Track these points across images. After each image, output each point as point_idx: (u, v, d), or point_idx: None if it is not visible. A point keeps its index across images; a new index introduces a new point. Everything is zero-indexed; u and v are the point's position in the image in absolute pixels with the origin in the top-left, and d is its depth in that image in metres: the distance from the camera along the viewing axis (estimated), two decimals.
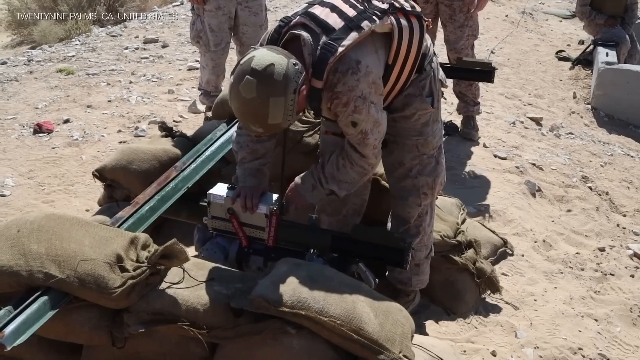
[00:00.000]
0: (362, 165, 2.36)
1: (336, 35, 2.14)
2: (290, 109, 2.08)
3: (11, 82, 5.51)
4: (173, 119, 4.79)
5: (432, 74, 2.50)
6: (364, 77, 2.16)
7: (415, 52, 2.36)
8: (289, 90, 2.04)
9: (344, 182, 2.42)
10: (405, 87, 2.45)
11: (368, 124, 2.24)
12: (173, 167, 2.85)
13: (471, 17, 4.34)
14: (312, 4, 2.28)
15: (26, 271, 1.94)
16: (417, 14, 2.35)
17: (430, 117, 2.53)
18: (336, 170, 2.40)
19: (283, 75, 2.02)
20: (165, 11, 8.27)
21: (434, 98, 2.51)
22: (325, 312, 2.00)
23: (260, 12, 4.27)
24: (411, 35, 2.31)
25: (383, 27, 2.24)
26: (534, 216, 3.84)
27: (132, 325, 2.01)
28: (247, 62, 2.05)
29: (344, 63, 2.15)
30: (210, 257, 2.49)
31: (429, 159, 2.59)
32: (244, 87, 2.03)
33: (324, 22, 2.18)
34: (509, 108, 5.53)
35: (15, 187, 3.80)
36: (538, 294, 3.14)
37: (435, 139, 2.58)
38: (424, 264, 2.77)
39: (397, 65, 2.33)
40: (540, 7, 9.41)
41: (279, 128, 2.15)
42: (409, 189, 2.62)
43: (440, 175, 2.65)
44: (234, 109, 2.12)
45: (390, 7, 2.27)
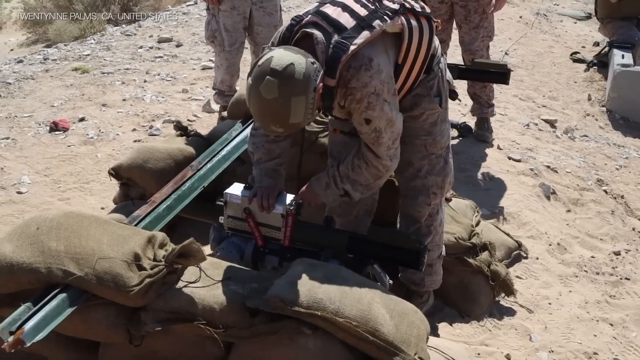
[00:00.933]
0: (376, 166, 2.36)
1: (348, 34, 2.16)
2: (311, 107, 2.08)
3: (27, 81, 5.55)
4: (187, 118, 4.81)
5: (440, 74, 2.52)
6: (376, 74, 2.18)
7: (424, 53, 2.38)
8: (309, 89, 2.04)
9: (358, 184, 2.42)
10: (414, 87, 2.47)
11: (381, 121, 2.24)
12: (189, 167, 2.86)
13: (486, 18, 4.33)
14: (323, 3, 2.30)
15: (45, 268, 1.96)
16: (427, 14, 2.38)
17: (438, 117, 2.55)
18: (351, 171, 2.40)
19: (303, 74, 2.02)
20: (179, 10, 8.30)
21: (442, 98, 2.54)
22: (341, 313, 2.00)
23: (275, 13, 4.27)
24: (421, 35, 2.34)
25: (394, 27, 2.26)
26: (548, 219, 3.83)
27: (149, 324, 2.02)
28: (266, 63, 2.04)
29: (357, 59, 2.16)
30: (226, 256, 2.50)
31: (438, 159, 2.61)
32: (265, 88, 2.02)
33: (336, 21, 2.19)
34: (523, 110, 5.50)
35: (32, 185, 3.83)
36: (553, 297, 3.13)
37: (444, 138, 2.60)
38: (437, 264, 2.78)
39: (406, 65, 2.35)
40: (555, 8, 9.35)
41: (298, 127, 2.15)
42: (418, 188, 2.63)
43: (449, 175, 2.67)
44: (253, 110, 2.11)
45: (401, 8, 2.28)
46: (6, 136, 4.42)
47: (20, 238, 2.05)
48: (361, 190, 2.45)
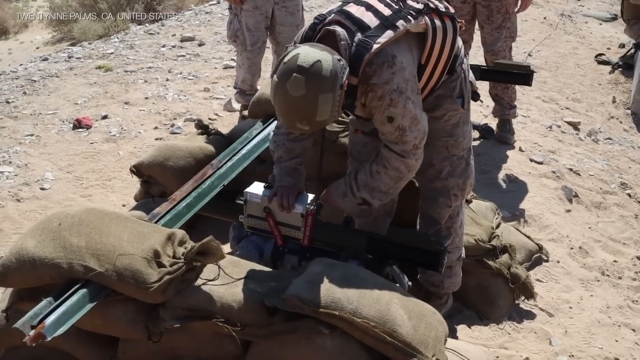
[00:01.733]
0: (398, 167, 2.32)
1: (371, 33, 2.15)
2: (337, 104, 2.07)
3: (52, 78, 5.62)
4: (208, 116, 4.83)
5: (462, 75, 2.50)
6: (399, 71, 2.16)
7: (447, 53, 2.36)
8: (336, 86, 2.03)
9: (377, 191, 2.39)
10: (436, 88, 2.45)
11: (405, 119, 2.22)
12: (209, 165, 2.87)
13: (509, 18, 4.29)
14: (346, 3, 2.29)
15: (67, 264, 1.98)
16: (451, 15, 2.36)
17: (460, 118, 2.53)
18: (369, 177, 2.37)
19: (330, 71, 2.01)
20: (202, 10, 8.35)
21: (465, 99, 2.51)
22: (358, 313, 2.00)
23: (297, 12, 4.28)
24: (444, 36, 2.32)
25: (417, 27, 2.25)
26: (570, 222, 3.79)
27: (167, 320, 2.04)
28: (292, 60, 2.03)
29: (380, 56, 2.15)
30: (245, 255, 2.51)
31: (459, 160, 2.59)
32: (292, 85, 2.01)
33: (359, 20, 2.19)
34: (546, 112, 5.45)
35: (55, 181, 3.88)
36: (573, 301, 3.10)
37: (465, 140, 2.58)
38: (456, 266, 2.76)
39: (429, 66, 2.34)
40: (580, 9, 9.24)
41: (324, 124, 2.15)
42: (439, 190, 2.61)
43: (470, 177, 2.65)
44: (278, 107, 2.10)
45: (425, 8, 2.27)
46: (31, 133, 4.48)
47: (42, 233, 2.07)
48: (380, 197, 2.41)
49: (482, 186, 3.89)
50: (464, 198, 2.69)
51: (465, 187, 2.64)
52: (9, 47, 9.48)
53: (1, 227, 3.40)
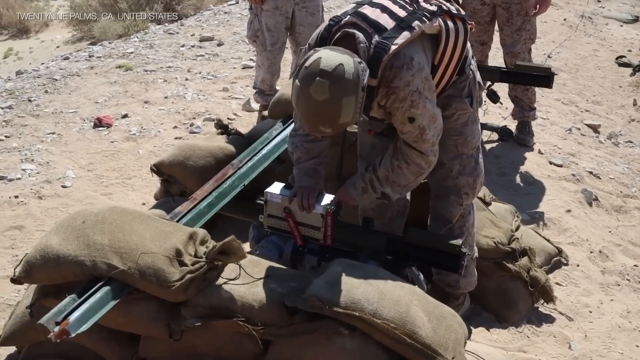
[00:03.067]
0: (419, 163, 2.36)
1: (388, 35, 2.17)
2: (359, 107, 2.08)
3: (73, 77, 5.68)
4: (227, 116, 4.86)
5: (471, 75, 2.54)
6: (417, 72, 2.19)
7: (458, 55, 2.40)
8: (359, 88, 2.04)
9: (397, 185, 2.43)
10: (446, 88, 2.48)
11: (425, 118, 2.25)
12: (230, 165, 2.89)
13: (529, 20, 4.27)
14: (361, 4, 2.31)
15: (90, 261, 2.01)
16: (462, 17, 2.39)
17: (469, 118, 2.56)
18: (390, 172, 2.40)
19: (352, 73, 2.02)
20: (221, 10, 8.38)
21: (473, 99, 2.55)
22: (378, 314, 2.01)
23: (317, 13, 4.29)
24: (456, 37, 2.35)
25: (432, 29, 2.28)
26: (590, 226, 3.76)
27: (189, 319, 2.05)
28: (314, 64, 2.03)
29: (399, 59, 2.18)
30: (265, 255, 2.52)
31: (469, 159, 2.61)
32: (315, 89, 2.01)
33: (375, 21, 2.20)
34: (566, 114, 5.42)
35: (76, 179, 3.92)
36: (593, 305, 3.08)
37: (475, 139, 2.61)
38: (471, 266, 2.75)
39: (441, 67, 2.37)
40: (601, 10, 9.17)
41: (345, 127, 2.17)
42: (450, 188, 2.63)
43: (480, 175, 2.67)
44: (301, 111, 2.10)
45: (439, 10, 2.30)
46: (52, 131, 4.54)
47: (66, 231, 2.10)
48: (400, 191, 2.46)
49: (501, 188, 3.87)
50: (474, 196, 2.71)
51: (476, 185, 2.66)
52: (30, 46, 9.58)
53: (23, 224, 3.44)
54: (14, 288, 2.84)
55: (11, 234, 3.36)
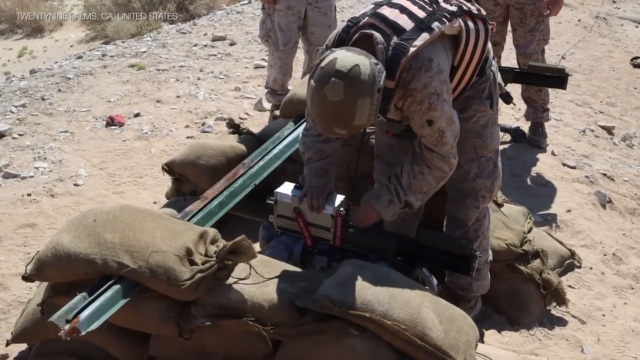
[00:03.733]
0: (441, 167, 2.32)
1: (407, 36, 2.14)
2: (375, 108, 2.05)
3: (86, 76, 5.71)
4: (239, 116, 4.87)
5: (492, 77, 2.50)
6: (436, 74, 2.16)
7: (478, 56, 2.37)
8: (374, 90, 2.01)
9: (419, 192, 2.37)
10: (466, 89, 2.45)
11: (443, 121, 2.22)
12: (241, 164, 2.89)
13: (542, 21, 4.24)
14: (379, 5, 2.28)
15: (101, 260, 2.01)
16: (483, 17, 2.36)
17: (489, 120, 2.53)
18: (413, 179, 2.35)
19: (368, 75, 1.99)
20: (233, 9, 8.40)
21: (493, 101, 2.52)
22: (389, 316, 1.99)
23: (330, 13, 4.28)
24: (477, 38, 2.32)
25: (452, 30, 2.24)
26: (603, 228, 3.72)
27: (199, 318, 2.05)
28: (330, 64, 2.00)
29: (417, 60, 2.14)
30: (275, 255, 2.52)
31: (487, 162, 2.58)
32: (330, 90, 1.98)
33: (394, 22, 2.17)
34: (579, 115, 5.37)
35: (88, 178, 3.93)
36: (607, 309, 3.05)
37: (494, 141, 2.58)
38: (484, 269, 2.73)
39: (460, 68, 2.34)
40: (615, 11, 9.09)
41: (360, 129, 2.12)
42: (467, 191, 2.60)
43: (498, 178, 2.64)
44: (315, 112, 2.07)
45: (459, 10, 2.27)
46: (65, 130, 4.56)
47: (78, 229, 2.10)
48: (421, 197, 2.41)
49: (513, 190, 3.85)
50: (491, 200, 2.68)
51: (493, 188, 2.62)
52: (44, 45, 9.65)
53: (36, 221, 3.46)
54: (26, 285, 2.86)
55: (23, 231, 3.38)
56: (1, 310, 2.81)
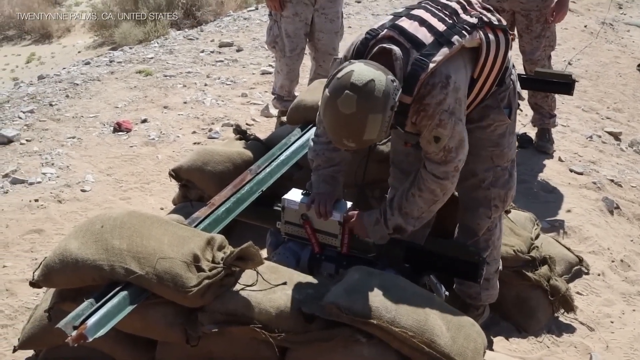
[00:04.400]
0: (433, 189, 2.27)
1: (427, 51, 2.11)
2: (386, 125, 2.04)
3: (94, 82, 5.73)
4: (245, 122, 4.87)
5: (511, 86, 2.46)
6: (452, 92, 2.13)
7: (499, 66, 2.33)
8: (387, 107, 2.00)
9: (411, 216, 2.34)
10: (485, 99, 2.42)
11: (452, 141, 2.18)
12: (248, 170, 2.89)
13: (548, 27, 4.24)
14: (398, 16, 2.24)
15: (108, 266, 2.01)
16: (503, 27, 2.32)
17: (507, 129, 2.50)
18: (404, 200, 2.32)
19: (383, 91, 1.98)
20: (240, 16, 8.42)
21: (512, 110, 2.48)
22: (396, 323, 1.99)
23: (337, 19, 4.29)
24: (497, 49, 2.29)
25: (472, 42, 2.21)
26: (611, 234, 3.71)
27: (206, 325, 2.05)
28: (346, 77, 1.99)
29: (435, 77, 2.12)
30: (282, 261, 2.52)
31: (503, 171, 2.55)
32: (342, 102, 1.98)
33: (414, 36, 2.14)
34: (586, 121, 5.36)
35: (95, 183, 3.95)
36: (615, 315, 3.03)
37: (511, 151, 2.54)
38: (494, 279, 2.72)
39: (481, 79, 2.31)
40: (622, 17, 9.07)
41: (370, 143, 2.10)
42: (479, 200, 2.57)
43: (512, 188, 2.61)
44: (327, 122, 2.07)
45: (479, 22, 2.23)
46: (72, 135, 4.58)
47: (85, 235, 2.11)
48: (413, 223, 2.36)
49: (520, 196, 3.83)
50: (504, 210, 2.64)
51: (507, 198, 2.59)
52: (52, 51, 9.69)
53: (43, 227, 3.47)
54: (33, 292, 2.86)
55: (31, 237, 3.39)
56: (8, 316, 2.81)
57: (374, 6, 8.64)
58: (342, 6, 4.38)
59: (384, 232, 2.39)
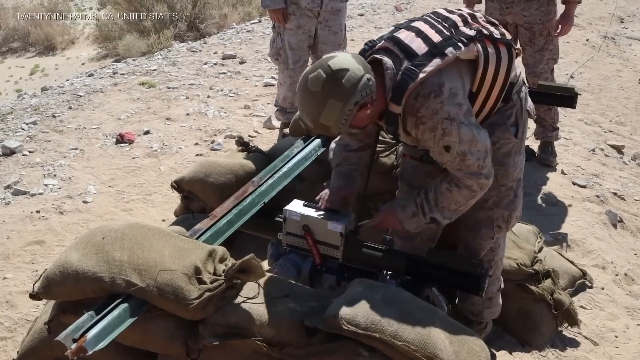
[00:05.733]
0: (469, 185, 2.25)
1: (418, 61, 2.12)
2: (345, 118, 2.09)
3: (97, 94, 5.74)
4: (248, 134, 4.87)
5: (519, 103, 2.42)
6: (448, 99, 2.12)
7: (502, 81, 2.29)
8: (350, 99, 2.05)
9: (447, 209, 2.32)
10: (491, 115, 2.38)
11: (463, 144, 2.15)
12: (250, 182, 2.88)
13: (551, 40, 4.25)
14: (398, 28, 2.27)
15: (109, 278, 2.00)
16: (507, 41, 2.29)
17: (512, 148, 2.44)
18: (440, 195, 2.30)
19: (352, 84, 2.04)
20: (243, 28, 8.46)
21: (519, 129, 2.43)
22: (399, 336, 1.97)
23: (340, 32, 4.30)
24: (498, 63, 2.25)
25: (468, 55, 2.20)
26: (615, 248, 3.69)
27: (207, 337, 2.04)
28: (327, 58, 2.10)
29: (425, 87, 2.12)
30: (283, 273, 2.51)
31: (508, 191, 2.50)
32: (312, 79, 2.07)
33: (408, 47, 2.16)
34: (589, 134, 5.35)
35: (97, 195, 3.94)
36: (619, 330, 3.00)
37: (516, 170, 2.49)
38: (496, 297, 2.69)
39: (481, 94, 2.28)
40: (624, 31, 9.09)
41: (326, 130, 2.15)
42: (482, 220, 2.53)
43: (517, 209, 2.55)
44: (297, 94, 2.17)
45: (478, 34, 2.21)
46: (75, 147, 4.58)
47: (86, 247, 2.10)
48: (450, 215, 2.35)
49: (523, 209, 3.78)
50: (507, 230, 2.59)
51: (511, 219, 2.54)
52: (55, 63, 9.73)
53: (44, 239, 3.46)
54: (33, 304, 2.85)
55: (32, 248, 3.38)
56: (8, 328, 2.80)
57: (377, 19, 8.67)
58: (345, 19, 4.40)
59: (421, 223, 2.38)
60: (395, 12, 9.13)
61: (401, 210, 2.39)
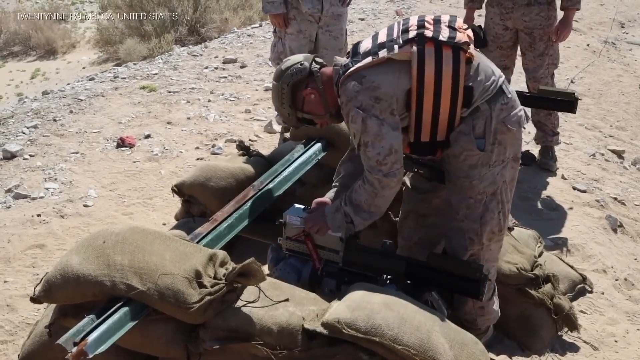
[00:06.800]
0: (372, 181, 2.35)
1: (356, 59, 2.35)
2: (283, 99, 2.47)
3: (98, 98, 5.75)
4: (249, 138, 4.88)
5: (489, 114, 2.36)
6: (365, 90, 2.27)
7: (450, 84, 2.29)
8: (283, 79, 2.45)
9: (359, 207, 2.41)
10: (455, 120, 2.37)
11: (367, 135, 2.30)
12: (251, 186, 2.89)
13: (552, 45, 4.26)
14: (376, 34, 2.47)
15: (110, 281, 2.00)
16: (453, 44, 2.29)
17: (478, 160, 2.40)
18: (354, 192, 2.44)
19: (286, 67, 2.47)
20: (244, 32, 8.47)
21: (486, 141, 2.37)
22: (399, 340, 1.97)
23: (341, 36, 4.32)
24: (438, 64, 2.27)
25: (402, 55, 2.30)
26: (615, 253, 3.69)
27: (207, 341, 2.04)
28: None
29: (351, 77, 2.32)
30: (283, 277, 2.51)
31: (476, 204, 2.46)
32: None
33: (358, 48, 2.41)
34: (589, 139, 5.36)
35: (98, 199, 3.95)
36: (619, 334, 3.00)
37: (482, 184, 2.43)
38: (488, 306, 2.66)
39: (425, 95, 2.30)
40: (624, 36, 9.10)
41: (282, 115, 2.55)
42: (454, 230, 2.54)
43: (488, 223, 2.48)
44: None
45: (417, 37, 2.30)
46: (76, 151, 4.59)
47: (87, 251, 2.10)
48: (363, 216, 2.42)
49: (523, 214, 3.83)
50: (482, 245, 2.52)
51: (482, 233, 2.49)
52: (56, 67, 9.75)
53: (45, 242, 3.46)
54: (34, 307, 2.85)
55: (32, 252, 3.39)
56: (9, 332, 2.80)
57: (378, 24, 8.68)
58: (346, 24, 4.41)
59: (341, 221, 2.45)
60: (396, 16, 9.14)
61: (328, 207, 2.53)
